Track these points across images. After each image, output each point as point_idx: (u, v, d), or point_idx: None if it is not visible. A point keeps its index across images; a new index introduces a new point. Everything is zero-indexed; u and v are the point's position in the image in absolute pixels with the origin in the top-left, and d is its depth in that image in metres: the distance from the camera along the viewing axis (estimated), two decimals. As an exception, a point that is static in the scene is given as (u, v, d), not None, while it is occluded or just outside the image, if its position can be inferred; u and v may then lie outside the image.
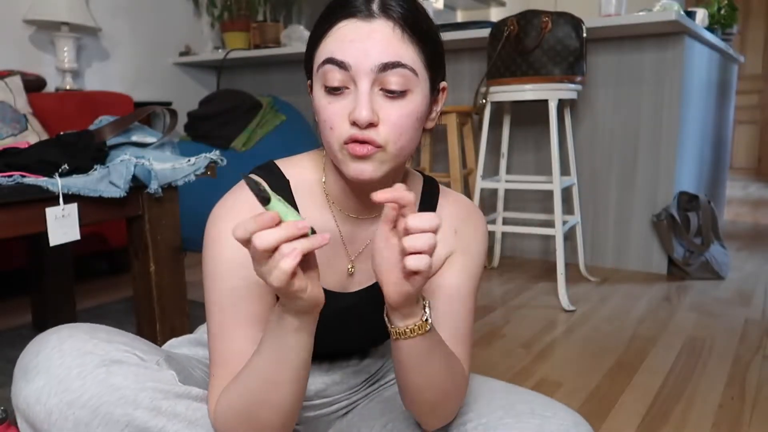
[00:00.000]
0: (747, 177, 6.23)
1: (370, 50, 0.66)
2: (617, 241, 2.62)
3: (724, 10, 3.13)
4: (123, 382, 0.65)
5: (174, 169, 1.43)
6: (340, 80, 0.67)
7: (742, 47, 6.04)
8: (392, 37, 0.67)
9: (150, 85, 3.36)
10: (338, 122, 0.68)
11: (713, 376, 1.54)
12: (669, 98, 2.45)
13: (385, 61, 0.66)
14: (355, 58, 0.66)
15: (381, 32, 0.66)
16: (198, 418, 0.68)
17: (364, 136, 0.66)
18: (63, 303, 1.85)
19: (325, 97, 0.68)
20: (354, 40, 0.66)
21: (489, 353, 1.69)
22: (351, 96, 0.67)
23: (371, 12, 0.67)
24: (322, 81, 0.68)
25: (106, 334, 0.71)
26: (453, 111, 2.43)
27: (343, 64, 0.66)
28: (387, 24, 0.67)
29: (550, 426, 0.73)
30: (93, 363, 0.65)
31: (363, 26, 0.66)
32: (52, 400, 0.63)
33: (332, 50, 0.67)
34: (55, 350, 0.66)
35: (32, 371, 0.65)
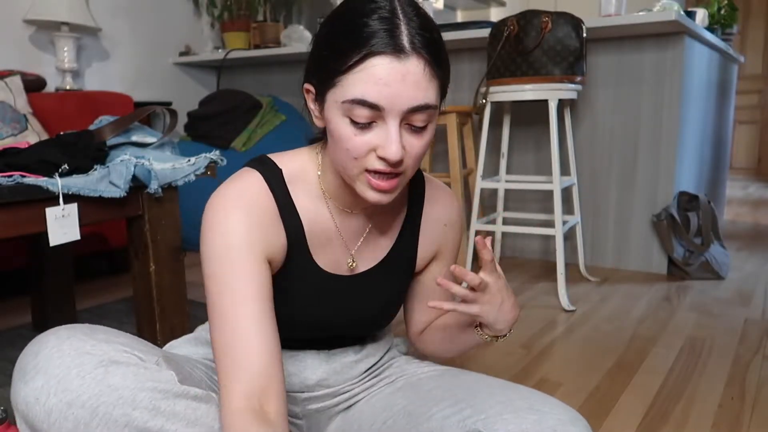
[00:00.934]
0: (747, 177, 6.23)
1: (403, 94, 0.67)
2: (617, 241, 2.62)
3: (724, 10, 3.13)
4: (122, 382, 0.65)
5: (174, 169, 1.43)
6: (369, 117, 0.69)
7: (742, 47, 6.05)
8: (422, 79, 0.68)
9: (150, 85, 3.36)
10: (363, 153, 0.70)
11: (713, 376, 1.54)
12: (669, 98, 2.45)
13: (415, 105, 0.68)
14: (388, 101, 0.67)
15: (413, 74, 0.67)
16: (197, 418, 0.68)
17: (391, 170, 0.71)
18: (63, 303, 1.85)
19: (350, 128, 0.70)
20: (389, 83, 0.66)
21: (489, 353, 1.69)
22: (377, 130, 0.69)
23: (404, 49, 0.66)
24: (347, 113, 0.69)
25: (105, 334, 0.71)
26: (453, 111, 2.43)
27: (376, 106, 0.67)
28: (419, 64, 0.67)
29: (547, 421, 0.74)
30: (92, 363, 0.66)
31: (397, 67, 0.66)
32: (52, 400, 0.63)
33: (364, 91, 0.67)
34: (54, 350, 0.66)
35: (31, 371, 0.65)
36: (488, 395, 0.80)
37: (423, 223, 0.90)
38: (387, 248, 0.88)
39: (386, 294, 0.89)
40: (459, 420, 0.78)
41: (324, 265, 0.84)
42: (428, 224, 0.91)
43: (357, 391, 0.93)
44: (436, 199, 0.91)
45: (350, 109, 0.68)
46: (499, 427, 0.74)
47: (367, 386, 0.94)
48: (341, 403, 0.93)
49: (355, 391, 0.93)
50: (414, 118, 0.69)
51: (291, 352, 0.89)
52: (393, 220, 0.88)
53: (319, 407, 0.91)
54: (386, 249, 0.88)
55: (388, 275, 0.88)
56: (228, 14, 3.50)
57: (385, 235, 0.88)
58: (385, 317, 0.92)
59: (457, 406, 0.80)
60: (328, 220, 0.83)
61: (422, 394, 0.87)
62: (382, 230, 0.88)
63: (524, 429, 0.73)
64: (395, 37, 0.66)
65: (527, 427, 0.73)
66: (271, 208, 0.78)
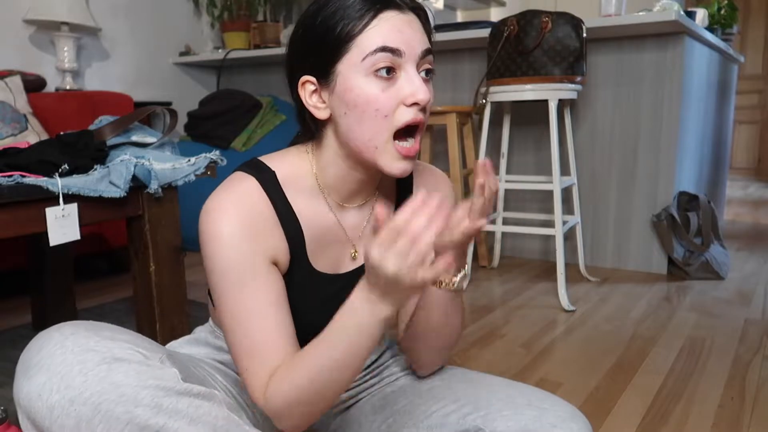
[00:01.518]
0: (747, 177, 6.23)
1: (414, 37, 0.74)
2: (617, 241, 2.63)
3: (724, 10, 3.13)
4: (124, 379, 0.65)
5: (174, 169, 1.43)
6: (391, 65, 0.73)
7: (742, 47, 6.05)
8: (422, 28, 0.76)
9: (150, 85, 3.36)
10: (393, 108, 0.74)
11: (713, 376, 1.54)
12: (669, 98, 2.45)
13: (426, 47, 0.75)
14: (406, 44, 0.73)
15: (416, 23, 0.76)
16: (200, 416, 0.68)
17: (422, 118, 0.75)
18: (63, 303, 1.85)
19: (377, 82, 0.73)
20: (402, 29, 0.73)
21: (489, 353, 1.69)
22: (399, 81, 0.74)
23: (403, 5, 0.75)
24: (371, 68, 0.72)
25: (109, 331, 0.71)
26: (453, 111, 2.43)
27: (398, 51, 0.72)
28: (416, 17, 0.76)
29: (547, 417, 0.74)
30: (95, 360, 0.66)
31: (404, 18, 0.74)
32: (54, 396, 0.63)
33: (385, 39, 0.72)
34: (58, 347, 0.66)
35: (34, 368, 0.65)
36: (488, 392, 0.81)
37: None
38: None
39: None
40: (459, 417, 0.79)
41: (324, 268, 0.84)
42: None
43: (358, 390, 0.94)
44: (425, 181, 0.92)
45: (373, 63, 0.72)
46: (498, 423, 0.75)
47: (368, 385, 0.94)
48: (343, 402, 0.93)
49: (357, 390, 0.94)
50: (424, 63, 0.75)
51: None
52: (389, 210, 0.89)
53: None
54: None
55: None
56: (228, 14, 3.50)
57: None
58: None
59: (457, 404, 0.81)
60: (328, 216, 0.83)
61: (422, 393, 0.87)
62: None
63: (524, 425, 0.74)
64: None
65: (527, 423, 0.74)
66: (269, 215, 0.78)
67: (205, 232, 0.75)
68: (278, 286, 0.76)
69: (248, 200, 0.76)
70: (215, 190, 0.78)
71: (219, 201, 0.76)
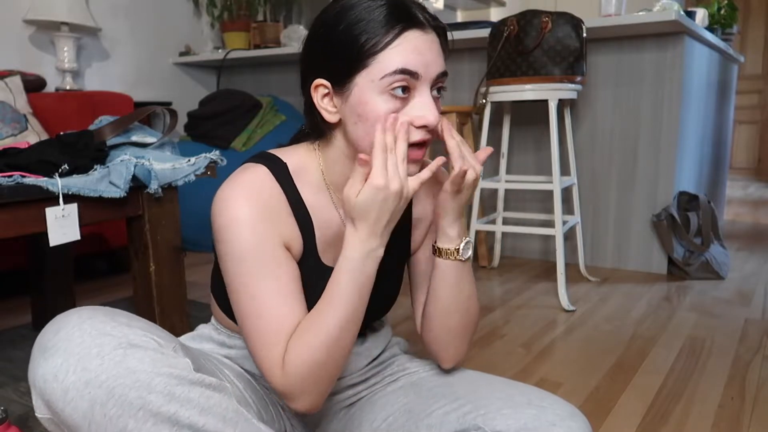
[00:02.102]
0: (747, 177, 6.23)
1: (434, 61, 0.75)
2: (617, 241, 2.63)
3: (724, 10, 3.13)
4: (139, 365, 0.65)
5: (174, 169, 1.43)
6: (408, 85, 0.74)
7: (742, 47, 6.05)
8: (440, 49, 0.77)
9: (150, 85, 3.36)
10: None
11: (713, 376, 1.54)
12: (669, 98, 2.46)
13: (441, 71, 0.76)
14: (424, 68, 0.74)
15: (436, 43, 0.76)
16: (210, 406, 0.69)
17: (429, 137, 0.77)
18: (63, 303, 1.85)
19: (390, 102, 0.74)
20: (423, 52, 0.74)
21: (489, 353, 1.69)
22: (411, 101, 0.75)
23: (428, 23, 0.76)
24: (387, 87, 0.73)
25: (125, 318, 0.72)
26: (453, 111, 2.43)
27: (416, 74, 0.74)
28: (436, 36, 0.77)
29: (546, 416, 0.74)
30: (111, 345, 0.66)
31: (426, 38, 0.75)
32: (70, 378, 0.64)
33: (406, 61, 0.73)
34: (75, 329, 0.67)
35: (51, 349, 0.66)
36: (488, 392, 0.81)
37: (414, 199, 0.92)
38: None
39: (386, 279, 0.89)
40: (459, 416, 0.79)
41: (330, 263, 0.85)
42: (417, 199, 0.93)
43: (360, 388, 0.94)
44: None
45: (391, 83, 0.73)
46: (498, 422, 0.75)
47: (369, 384, 0.94)
48: (344, 399, 0.93)
49: (358, 389, 0.94)
50: (438, 83, 0.77)
51: None
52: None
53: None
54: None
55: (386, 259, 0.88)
56: (228, 14, 3.50)
57: None
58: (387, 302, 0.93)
59: (457, 403, 0.81)
60: (333, 212, 0.84)
61: (423, 392, 0.87)
62: None
63: (523, 424, 0.74)
64: (417, 14, 0.75)
65: (526, 421, 0.74)
66: (283, 202, 0.80)
67: (221, 218, 0.76)
68: (294, 269, 0.78)
69: (262, 187, 0.78)
70: (227, 180, 0.79)
71: (232, 188, 0.77)
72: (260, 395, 0.91)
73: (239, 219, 0.75)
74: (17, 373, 1.54)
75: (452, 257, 0.84)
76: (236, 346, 0.92)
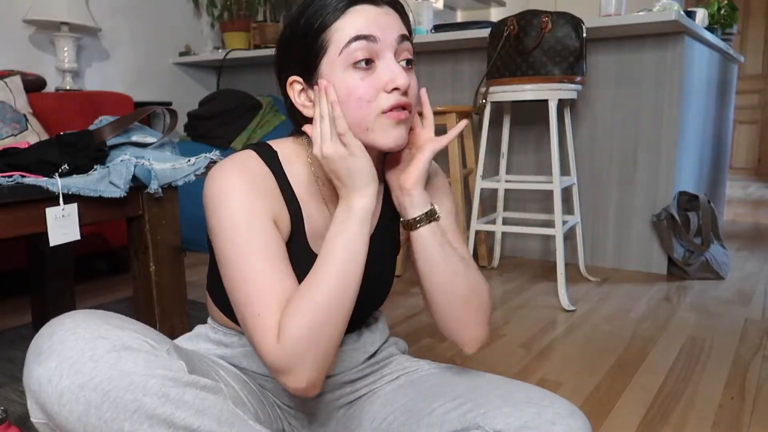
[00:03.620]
0: (747, 177, 6.23)
1: (390, 24, 0.77)
2: (617, 241, 2.63)
3: (724, 10, 3.14)
4: (134, 368, 0.66)
5: (174, 169, 1.43)
6: (368, 53, 0.75)
7: (742, 47, 6.05)
8: (398, 18, 0.79)
9: (150, 85, 3.36)
10: (374, 94, 0.76)
11: (713, 376, 1.54)
12: (669, 98, 2.45)
13: (402, 33, 0.78)
14: (380, 31, 0.76)
15: (392, 14, 0.78)
16: (205, 408, 0.69)
17: (406, 101, 0.77)
18: (63, 303, 1.85)
19: (356, 73, 0.75)
20: (375, 18, 0.76)
21: (489, 353, 1.69)
22: (378, 70, 0.76)
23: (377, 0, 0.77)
24: (349, 60, 0.75)
25: (119, 321, 0.72)
26: (453, 111, 2.43)
27: (372, 37, 0.75)
28: (392, 10, 0.79)
29: (546, 414, 0.74)
30: (105, 348, 0.66)
31: (378, 9, 0.77)
32: (64, 381, 0.64)
33: (357, 28, 0.75)
34: (69, 333, 0.67)
35: (45, 352, 0.66)
36: (488, 390, 0.81)
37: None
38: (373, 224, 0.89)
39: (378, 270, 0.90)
40: (459, 414, 0.79)
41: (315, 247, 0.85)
42: None
43: (359, 386, 0.94)
44: None
45: (349, 54, 0.75)
46: (498, 420, 0.75)
47: (368, 381, 0.94)
48: (343, 396, 0.93)
49: (357, 386, 0.94)
50: (402, 51, 0.78)
51: None
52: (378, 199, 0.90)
53: (320, 399, 0.92)
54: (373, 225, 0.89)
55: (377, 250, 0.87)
56: (228, 14, 3.50)
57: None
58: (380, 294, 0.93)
59: (457, 401, 0.81)
60: (322, 206, 0.85)
61: (423, 391, 0.87)
62: None
63: (523, 422, 0.74)
64: None
65: (526, 420, 0.74)
66: (272, 183, 0.81)
67: (212, 193, 0.77)
68: (283, 245, 0.79)
69: (252, 167, 0.80)
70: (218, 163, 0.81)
71: (223, 168, 0.79)
72: (257, 395, 0.91)
73: (230, 190, 0.76)
74: (17, 373, 1.54)
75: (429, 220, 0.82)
76: (233, 344, 0.92)
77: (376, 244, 0.88)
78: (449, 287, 0.84)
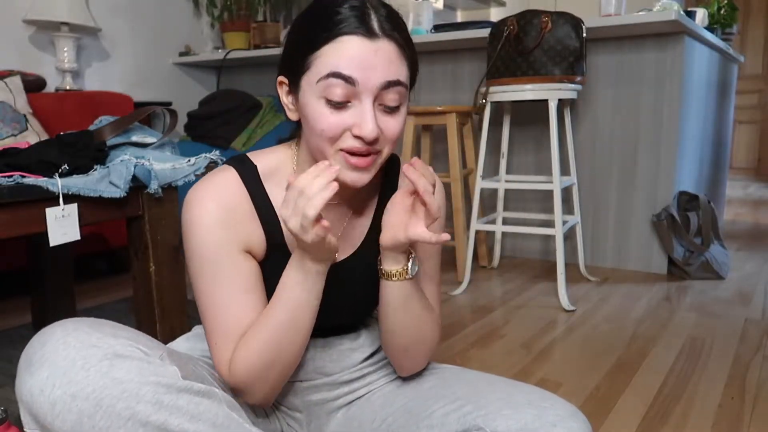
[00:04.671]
0: (747, 177, 6.23)
1: (377, 68, 0.71)
2: (617, 241, 2.63)
3: (724, 10, 3.13)
4: (126, 375, 0.65)
5: (174, 169, 1.43)
6: (344, 95, 0.71)
7: (742, 47, 6.05)
8: (394, 57, 0.72)
9: (150, 85, 3.36)
10: (338, 133, 0.73)
11: (713, 376, 1.54)
12: (669, 98, 2.45)
13: (388, 79, 0.72)
14: (363, 73, 0.70)
15: (384, 51, 0.71)
16: (200, 413, 0.69)
17: (368, 149, 0.73)
18: (63, 303, 1.85)
19: (326, 107, 0.73)
20: (361, 57, 0.70)
21: (489, 353, 1.69)
22: (351, 110, 0.72)
23: (374, 31, 0.71)
24: (323, 92, 0.72)
25: (110, 328, 0.71)
26: (453, 111, 2.43)
27: (351, 79, 0.70)
28: (390, 43, 0.72)
29: (547, 416, 0.74)
30: (97, 356, 0.66)
31: (369, 45, 0.71)
32: (56, 391, 0.63)
33: (338, 64, 0.70)
34: (60, 342, 0.66)
35: (36, 363, 0.66)
36: (488, 392, 0.81)
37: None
38: (362, 235, 0.89)
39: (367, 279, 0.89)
40: (459, 416, 0.79)
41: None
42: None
43: (357, 386, 0.93)
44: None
45: (326, 88, 0.71)
46: (499, 422, 0.75)
47: (367, 382, 0.94)
48: (341, 397, 0.93)
49: (355, 386, 0.93)
50: (387, 97, 0.73)
51: None
52: (366, 207, 0.90)
53: (318, 399, 0.92)
54: (362, 236, 0.89)
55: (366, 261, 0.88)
56: (228, 14, 3.50)
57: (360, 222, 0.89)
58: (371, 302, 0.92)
59: (458, 403, 0.81)
60: None
61: (422, 392, 0.87)
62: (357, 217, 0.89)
63: (524, 424, 0.74)
64: (366, 21, 0.71)
65: (527, 422, 0.74)
66: (247, 206, 0.82)
67: (186, 220, 0.80)
68: (252, 272, 0.81)
69: (226, 192, 0.80)
70: (198, 181, 0.82)
71: (198, 192, 0.80)
72: None
73: (201, 223, 0.78)
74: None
75: (401, 278, 0.80)
76: None
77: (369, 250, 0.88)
78: (394, 336, 0.85)
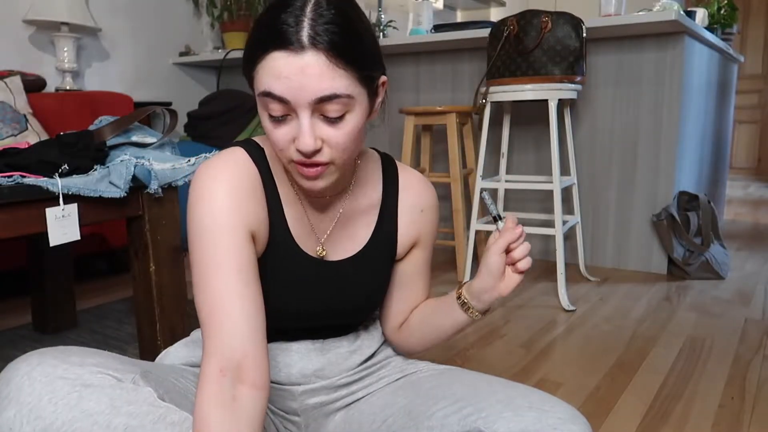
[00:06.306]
0: (747, 177, 6.23)
1: (305, 86, 0.68)
2: (617, 241, 2.62)
3: (724, 10, 3.14)
4: (96, 407, 0.64)
5: (174, 169, 1.43)
6: (282, 110, 0.70)
7: (742, 47, 6.05)
8: (325, 70, 0.68)
9: (150, 85, 3.36)
10: (285, 145, 0.73)
11: (713, 376, 1.54)
12: (669, 98, 2.45)
13: (320, 95, 0.68)
14: (292, 94, 0.68)
15: (313, 66, 0.67)
16: None
17: (311, 161, 0.72)
18: (63, 303, 1.85)
19: (269, 121, 0.73)
20: (288, 76, 0.67)
21: (489, 353, 1.69)
22: (292, 122, 0.71)
23: (301, 44, 0.67)
24: (264, 107, 0.72)
25: (78, 356, 0.70)
26: (453, 111, 2.43)
27: (282, 99, 0.69)
28: (318, 57, 0.67)
29: (547, 419, 0.74)
30: (64, 389, 0.64)
31: (294, 61, 0.67)
32: (25, 428, 0.62)
33: (269, 84, 0.69)
34: (25, 378, 0.65)
35: (3, 401, 0.64)
36: (489, 394, 0.81)
37: (400, 210, 0.92)
38: (366, 237, 0.89)
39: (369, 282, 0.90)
40: (459, 418, 0.78)
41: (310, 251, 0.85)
42: (405, 211, 0.92)
43: (355, 388, 0.93)
44: (410, 185, 0.92)
45: (265, 105, 0.71)
46: (499, 425, 0.75)
47: (365, 384, 0.94)
48: (339, 399, 0.93)
49: (354, 389, 0.93)
50: (326, 108, 0.70)
51: (286, 344, 0.89)
52: (368, 209, 0.89)
53: (316, 402, 0.91)
54: (366, 238, 0.89)
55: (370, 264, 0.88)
56: (228, 14, 3.50)
57: (362, 224, 0.89)
58: (371, 305, 0.93)
59: (458, 405, 0.80)
60: (297, 203, 0.85)
61: (422, 393, 0.87)
62: (357, 219, 0.89)
63: (524, 427, 0.73)
64: (295, 33, 0.67)
65: (527, 425, 0.74)
66: (257, 184, 0.80)
67: (195, 189, 0.77)
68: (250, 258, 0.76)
69: (238, 169, 0.79)
70: (207, 160, 0.80)
71: (209, 167, 0.78)
72: None
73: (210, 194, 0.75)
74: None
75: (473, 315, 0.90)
76: None
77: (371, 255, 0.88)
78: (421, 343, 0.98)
